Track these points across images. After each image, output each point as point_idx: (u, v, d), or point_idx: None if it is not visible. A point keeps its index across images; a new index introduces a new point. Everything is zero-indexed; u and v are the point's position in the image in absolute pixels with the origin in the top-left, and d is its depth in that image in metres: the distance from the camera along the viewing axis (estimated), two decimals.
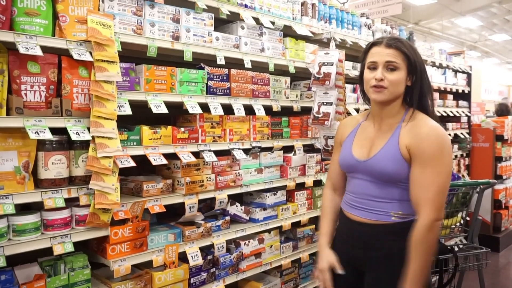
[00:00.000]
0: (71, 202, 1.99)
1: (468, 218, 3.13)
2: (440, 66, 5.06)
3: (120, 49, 2.04)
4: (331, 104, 2.90)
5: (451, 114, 5.16)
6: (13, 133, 1.81)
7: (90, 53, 1.94)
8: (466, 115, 5.57)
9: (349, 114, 3.41)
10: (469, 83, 5.59)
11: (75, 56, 1.88)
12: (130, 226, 2.15)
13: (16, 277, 1.88)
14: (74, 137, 1.88)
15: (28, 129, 1.76)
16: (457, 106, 5.38)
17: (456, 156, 5.37)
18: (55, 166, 1.91)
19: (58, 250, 1.89)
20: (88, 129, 1.94)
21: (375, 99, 1.76)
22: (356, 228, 1.85)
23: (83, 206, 1.99)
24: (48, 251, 1.90)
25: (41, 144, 1.91)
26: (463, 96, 5.54)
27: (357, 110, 3.60)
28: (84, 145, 1.99)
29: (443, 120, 5.20)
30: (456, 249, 2.88)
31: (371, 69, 1.76)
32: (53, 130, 1.84)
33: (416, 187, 1.67)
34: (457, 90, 5.31)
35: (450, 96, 5.30)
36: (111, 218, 2.06)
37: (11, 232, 1.81)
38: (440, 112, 4.94)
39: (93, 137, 1.94)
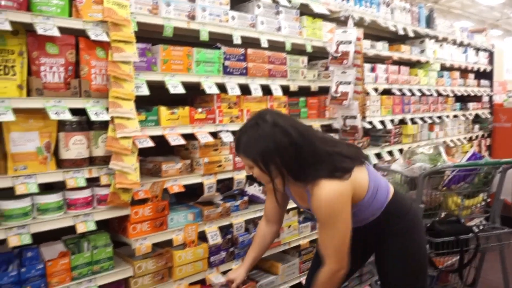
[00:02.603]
0: (92, 182, 2.03)
1: (489, 200, 3.08)
2: (461, 44, 4.93)
3: (136, 29, 2.04)
4: (349, 83, 2.86)
5: (472, 94, 5.04)
6: (34, 114, 1.84)
7: (107, 33, 1.94)
8: (488, 95, 5.44)
9: (367, 94, 3.37)
10: (491, 62, 5.43)
11: (92, 37, 1.89)
12: (150, 205, 2.18)
13: (42, 254, 1.94)
14: (93, 117, 1.89)
15: (49, 110, 1.78)
16: (479, 85, 5.25)
17: (477, 137, 5.27)
18: (75, 146, 1.94)
19: (80, 228, 1.93)
20: (107, 109, 1.96)
21: None
22: (355, 231, 1.94)
23: (104, 186, 2.02)
24: (71, 229, 1.95)
25: (62, 125, 1.93)
26: (485, 75, 5.39)
27: (376, 90, 3.55)
28: (103, 125, 2.01)
29: (464, 100, 5.09)
30: (477, 230, 2.84)
31: None
32: (73, 111, 1.87)
33: (319, 242, 1.84)
34: (478, 69, 5.17)
35: (471, 75, 5.16)
36: (131, 198, 2.09)
37: (35, 211, 1.86)
38: (461, 92, 4.83)
39: (112, 117, 1.96)
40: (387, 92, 3.75)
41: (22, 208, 1.79)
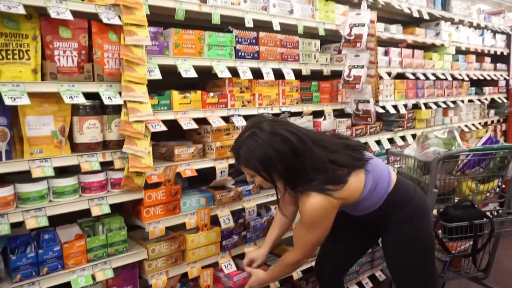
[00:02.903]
0: (106, 166, 2.04)
1: (503, 186, 3.04)
2: (477, 27, 4.81)
3: (148, 13, 2.03)
4: (362, 66, 2.83)
5: (488, 78, 4.94)
6: (48, 98, 1.86)
7: (119, 17, 1.94)
8: (505, 79, 5.32)
9: (380, 78, 3.33)
10: (508, 45, 5.31)
11: (104, 20, 1.89)
12: (163, 189, 2.20)
13: (58, 237, 1.97)
14: (106, 101, 1.90)
15: (63, 93, 1.79)
16: (495, 69, 5.14)
17: (492, 122, 5.18)
18: (89, 130, 1.95)
19: (95, 211, 1.95)
20: (120, 93, 1.97)
21: None
22: (359, 219, 2.05)
23: (118, 170, 2.04)
24: (86, 213, 1.97)
25: (75, 109, 1.95)
26: (502, 59, 5.27)
27: (389, 74, 3.50)
28: (116, 110, 2.02)
29: (480, 84, 4.99)
30: (492, 215, 2.81)
31: None
32: (86, 95, 1.88)
33: (294, 232, 1.97)
34: (495, 52, 5.05)
35: (488, 59, 5.05)
36: (144, 182, 2.10)
37: (51, 194, 1.89)
38: (477, 76, 4.74)
39: (124, 101, 1.97)
40: (400, 76, 3.70)
41: (39, 191, 1.81)
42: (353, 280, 3.30)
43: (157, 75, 2.08)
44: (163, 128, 2.10)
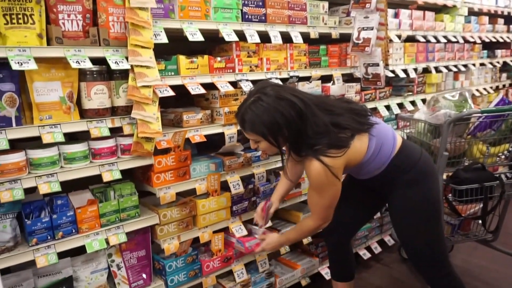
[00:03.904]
0: (115, 133, 2.05)
1: None
2: None
3: None
4: (372, 28, 2.76)
5: (501, 40, 4.82)
6: (55, 63, 1.84)
7: None
8: None
9: (390, 41, 3.26)
10: None
11: None
12: (172, 155, 2.21)
13: (71, 202, 2.00)
14: (113, 66, 1.89)
15: (69, 58, 1.77)
16: (508, 31, 5.00)
17: (504, 86, 5.08)
18: (97, 96, 1.94)
19: (106, 177, 1.97)
20: (127, 58, 1.95)
21: None
22: (364, 183, 2.06)
23: (127, 136, 2.05)
24: (97, 179, 1.99)
25: (83, 75, 1.93)
26: None
27: (399, 37, 3.43)
28: (123, 75, 2.01)
29: (492, 47, 4.87)
30: (502, 177, 2.79)
31: None
32: (93, 61, 1.86)
33: (308, 199, 1.97)
34: (509, 13, 4.90)
35: (501, 20, 4.91)
36: (154, 148, 2.11)
37: (63, 160, 1.90)
38: (489, 38, 4.62)
39: (132, 66, 1.95)
40: (410, 39, 3.62)
41: (50, 157, 1.82)
42: (362, 245, 3.34)
43: (164, 39, 2.05)
44: (171, 93, 2.08)
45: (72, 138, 2.02)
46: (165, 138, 2.17)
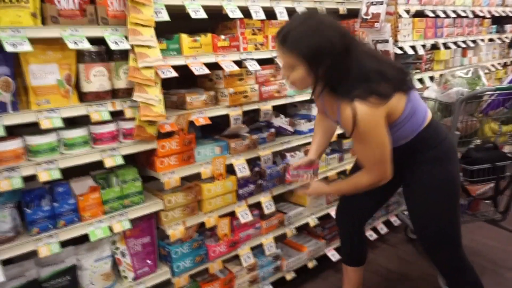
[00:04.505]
0: (116, 117, 1.96)
1: None
2: None
3: None
4: (381, 3, 2.64)
5: (510, 14, 4.66)
6: (52, 44, 1.74)
7: None
8: None
9: (399, 16, 3.13)
10: None
11: None
12: (176, 139, 2.13)
13: (73, 189, 1.93)
14: (113, 46, 1.78)
15: (66, 39, 1.67)
16: None
17: (511, 62, 4.96)
18: (97, 78, 1.85)
19: (109, 163, 1.89)
20: (126, 38, 1.84)
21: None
22: None
23: (129, 120, 1.96)
24: (99, 165, 1.91)
25: (81, 56, 1.83)
26: None
27: (407, 12, 3.30)
28: (123, 55, 1.90)
29: (501, 22, 4.72)
30: None
31: None
32: (91, 41, 1.75)
33: (357, 157, 1.88)
34: None
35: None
36: (157, 131, 2.02)
37: (62, 146, 1.82)
38: (499, 12, 4.47)
39: (132, 46, 1.84)
40: (419, 14, 3.48)
41: (49, 143, 1.74)
42: (368, 226, 3.30)
43: (165, 17, 1.94)
44: (174, 74, 1.99)
45: (71, 123, 1.92)
46: (169, 121, 2.08)
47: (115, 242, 2.09)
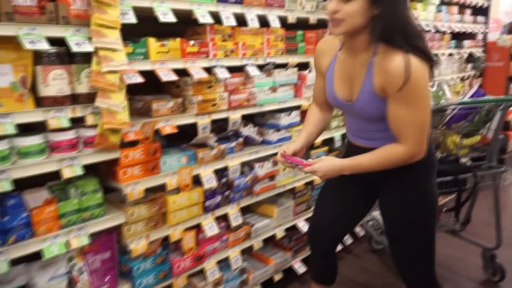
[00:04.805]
0: (76, 123, 1.82)
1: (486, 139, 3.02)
2: None
3: None
4: None
5: (468, 31, 4.86)
6: (5, 44, 1.59)
7: None
8: (483, 32, 5.27)
9: None
10: None
11: None
12: (141, 148, 2.01)
13: (26, 202, 1.77)
14: (74, 48, 1.65)
15: (22, 38, 1.53)
16: (475, 22, 5.06)
17: (468, 76, 5.17)
18: (56, 82, 1.71)
19: (67, 173, 1.75)
20: (90, 39, 1.72)
21: (333, 33, 1.56)
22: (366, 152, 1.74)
23: (90, 127, 1.83)
24: (56, 175, 1.77)
25: (39, 57, 1.69)
26: (481, 11, 5.18)
27: None
28: (86, 58, 1.77)
29: (459, 37, 4.91)
30: (475, 168, 2.79)
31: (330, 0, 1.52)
32: (50, 42, 1.62)
33: (394, 124, 1.57)
34: (476, 4, 4.95)
35: (468, 11, 4.95)
36: (120, 140, 1.90)
37: (15, 155, 1.66)
38: (458, 28, 4.64)
39: (96, 48, 1.72)
40: None
41: (0, 152, 1.59)
42: None
43: (132, 19, 1.83)
44: (140, 79, 1.88)
45: (26, 129, 1.77)
46: (133, 129, 1.97)
47: (72, 258, 1.94)
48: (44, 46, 1.57)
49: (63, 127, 1.71)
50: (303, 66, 2.83)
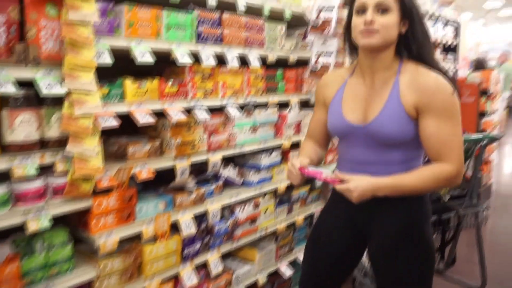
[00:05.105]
0: (45, 170, 1.68)
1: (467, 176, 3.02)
2: (431, 16, 4.83)
3: None
4: (330, 54, 2.63)
5: None
6: None
7: None
8: (453, 70, 5.43)
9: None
10: (457, 36, 5.41)
11: None
12: (115, 195, 1.87)
13: None
14: (44, 91, 1.54)
15: None
16: (445, 59, 5.22)
17: None
18: (23, 127, 1.57)
19: (32, 226, 1.59)
20: (62, 81, 1.61)
21: (365, 45, 1.52)
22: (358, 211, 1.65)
23: (60, 174, 1.69)
24: (21, 228, 1.60)
25: (4, 101, 1.55)
26: (451, 49, 5.36)
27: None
28: (57, 101, 1.65)
29: None
30: (457, 207, 2.76)
31: (359, 13, 1.52)
32: (19, 83, 1.50)
33: (435, 142, 1.47)
34: (446, 42, 5.11)
35: (439, 49, 5.11)
36: (93, 187, 1.76)
37: None
38: None
39: (68, 91, 1.61)
40: None
41: None
42: None
43: (107, 59, 1.73)
44: (115, 123, 1.76)
45: None
46: (107, 175, 1.84)
47: None
48: (10, 89, 1.45)
49: (30, 176, 1.57)
50: (283, 105, 2.78)
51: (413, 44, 1.53)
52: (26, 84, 1.57)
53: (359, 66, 1.65)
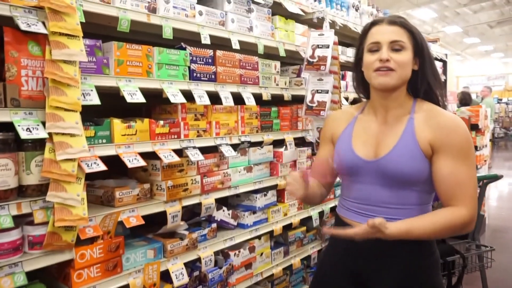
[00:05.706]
0: (22, 218, 1.53)
1: None
2: None
3: (84, 20, 1.58)
4: (327, 92, 2.56)
5: None
6: None
7: (43, 23, 1.47)
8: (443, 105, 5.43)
9: (342, 104, 3.10)
10: (444, 72, 5.45)
11: (22, 27, 1.41)
12: (100, 245, 1.72)
13: None
14: (23, 134, 1.41)
15: None
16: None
17: None
18: None
19: (5, 284, 1.43)
20: (44, 123, 1.48)
21: (382, 83, 1.46)
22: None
23: (39, 224, 1.54)
24: None
25: None
26: None
27: (346, 99, 3.30)
28: (38, 145, 1.53)
29: None
30: (461, 250, 2.65)
31: (372, 52, 1.47)
32: None
33: (449, 184, 1.39)
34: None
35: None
36: (76, 237, 1.61)
37: None
38: None
39: (50, 134, 1.48)
40: (358, 101, 3.52)
41: None
42: None
43: (94, 100, 1.62)
44: (102, 167, 1.64)
45: None
46: (92, 223, 1.69)
47: None
48: None
49: (4, 228, 1.42)
50: (278, 143, 2.68)
51: (423, 82, 1.50)
52: (5, 127, 1.45)
53: (371, 103, 1.60)
